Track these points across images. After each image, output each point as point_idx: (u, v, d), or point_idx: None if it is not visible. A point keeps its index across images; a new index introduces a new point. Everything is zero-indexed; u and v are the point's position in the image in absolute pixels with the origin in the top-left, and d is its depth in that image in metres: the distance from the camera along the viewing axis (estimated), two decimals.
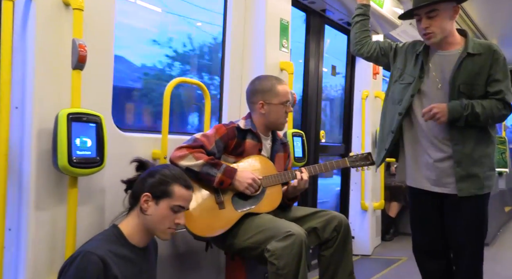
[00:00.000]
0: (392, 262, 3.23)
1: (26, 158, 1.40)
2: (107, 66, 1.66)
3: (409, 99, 1.84)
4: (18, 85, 1.41)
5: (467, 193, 1.77)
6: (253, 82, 1.99)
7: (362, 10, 2.09)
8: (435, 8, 1.75)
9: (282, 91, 1.93)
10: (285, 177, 1.91)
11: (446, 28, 1.78)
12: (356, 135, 3.54)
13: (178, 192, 1.41)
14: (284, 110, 1.94)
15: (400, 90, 1.90)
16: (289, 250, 1.62)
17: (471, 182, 1.77)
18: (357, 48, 2.07)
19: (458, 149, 1.77)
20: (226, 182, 1.77)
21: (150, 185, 1.41)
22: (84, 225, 1.54)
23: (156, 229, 1.41)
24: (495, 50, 1.78)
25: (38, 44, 1.41)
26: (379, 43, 2.03)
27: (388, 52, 2.00)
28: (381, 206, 3.61)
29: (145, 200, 1.39)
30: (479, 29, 4.60)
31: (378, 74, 3.63)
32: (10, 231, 1.40)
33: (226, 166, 1.78)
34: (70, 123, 1.36)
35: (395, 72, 1.96)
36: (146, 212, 1.39)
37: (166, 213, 1.40)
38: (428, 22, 1.77)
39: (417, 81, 1.84)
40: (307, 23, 3.16)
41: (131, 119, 2.68)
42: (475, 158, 1.77)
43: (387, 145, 1.93)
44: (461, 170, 1.77)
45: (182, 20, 3.08)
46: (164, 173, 1.43)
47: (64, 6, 1.47)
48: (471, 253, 1.83)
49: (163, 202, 1.40)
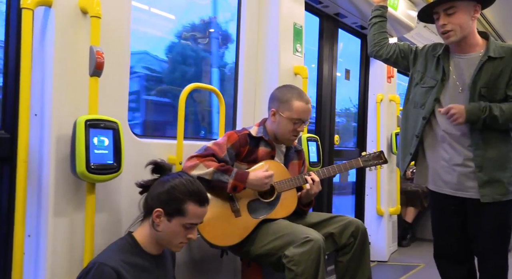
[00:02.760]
0: (410, 269, 3.17)
1: (45, 164, 1.42)
2: (123, 73, 1.67)
3: (433, 103, 1.81)
4: (37, 92, 1.43)
5: (491, 199, 1.73)
6: (279, 88, 1.97)
7: (380, 12, 2.07)
8: (453, 5, 1.72)
9: (296, 107, 1.85)
10: (299, 181, 1.89)
11: (465, 27, 1.74)
12: (371, 139, 3.50)
13: (192, 211, 1.36)
14: (292, 126, 1.86)
15: (422, 93, 1.87)
16: (308, 256, 1.60)
17: (494, 187, 1.73)
18: (375, 50, 2.04)
19: (479, 153, 1.74)
20: (239, 186, 1.75)
21: (163, 200, 1.36)
22: (102, 231, 1.54)
23: (167, 243, 1.39)
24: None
25: (57, 51, 1.43)
26: (398, 45, 2.00)
27: (408, 54, 1.97)
28: (397, 211, 3.55)
29: (157, 215, 1.35)
30: (495, 29, 4.53)
31: (393, 77, 3.59)
32: (29, 238, 1.41)
33: (237, 170, 1.76)
34: (88, 129, 1.37)
35: (415, 75, 1.93)
36: (158, 228, 1.35)
37: (178, 230, 1.36)
38: (446, 19, 1.74)
39: (439, 85, 1.81)
40: (321, 27, 3.15)
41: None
42: (497, 163, 1.74)
43: (412, 150, 1.89)
44: (483, 175, 1.73)
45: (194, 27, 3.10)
46: (178, 187, 1.37)
47: (82, 14, 1.49)
48: (495, 259, 1.79)
49: (176, 220, 1.35)
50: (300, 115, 1.86)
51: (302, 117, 1.87)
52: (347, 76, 3.69)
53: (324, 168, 1.96)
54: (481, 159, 1.73)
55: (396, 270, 3.19)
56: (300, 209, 1.95)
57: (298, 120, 1.87)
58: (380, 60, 2.08)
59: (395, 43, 2.03)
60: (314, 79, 3.16)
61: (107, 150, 1.42)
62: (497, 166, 1.74)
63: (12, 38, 1.50)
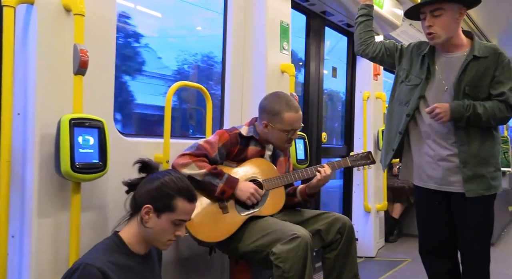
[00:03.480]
0: (397, 264, 3.21)
1: (29, 164, 1.40)
2: (108, 71, 1.65)
3: (417, 101, 1.84)
4: (20, 91, 1.41)
5: (475, 193, 1.77)
6: (267, 98, 1.94)
7: (366, 11, 2.09)
8: (440, 7, 1.75)
9: (287, 119, 1.86)
10: (288, 179, 1.91)
11: (450, 29, 1.78)
12: (358, 136, 3.53)
13: (181, 207, 1.36)
14: (286, 137, 1.88)
15: (406, 91, 1.90)
16: (295, 253, 1.61)
17: (478, 182, 1.77)
18: (362, 48, 2.06)
19: (463, 149, 1.78)
20: (227, 192, 1.76)
21: (153, 196, 1.36)
22: (88, 231, 1.53)
23: (155, 241, 1.39)
24: (500, 53, 1.79)
25: (40, 50, 1.41)
26: (384, 44, 2.03)
27: (393, 52, 2.00)
28: (384, 208, 3.59)
29: (146, 211, 1.35)
30: (480, 28, 4.61)
31: (379, 75, 3.62)
32: (13, 238, 1.40)
33: (228, 176, 1.77)
34: (72, 128, 1.36)
35: (401, 73, 1.96)
36: (147, 224, 1.35)
37: (167, 226, 1.36)
38: (432, 20, 1.77)
39: (424, 83, 1.84)
40: (307, 25, 3.16)
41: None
42: (481, 159, 1.78)
43: (394, 146, 1.93)
44: (468, 170, 1.77)
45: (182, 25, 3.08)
46: (168, 184, 1.37)
47: (65, 12, 1.47)
48: (479, 252, 1.83)
49: (165, 216, 1.35)
50: (292, 125, 1.88)
51: (294, 127, 1.89)
52: (334, 74, 3.72)
53: (312, 166, 1.97)
54: (466, 155, 1.77)
55: (383, 265, 3.23)
56: (303, 199, 1.98)
57: (291, 130, 1.89)
58: (366, 58, 2.10)
59: (381, 41, 2.06)
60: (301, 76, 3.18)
61: (92, 149, 1.41)
62: (481, 162, 1.77)
63: None
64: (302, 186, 2.00)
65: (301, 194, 1.99)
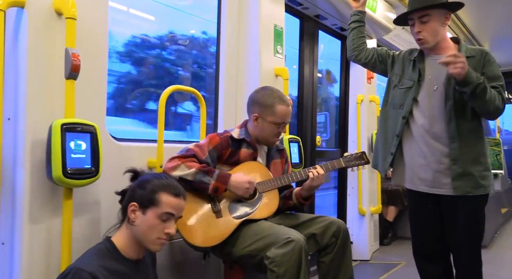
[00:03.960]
0: (391, 267, 3.21)
1: (19, 170, 1.38)
2: (100, 75, 1.64)
3: (411, 102, 1.87)
4: (10, 96, 1.39)
5: (462, 191, 1.79)
6: (257, 91, 1.96)
7: (358, 17, 2.12)
8: (427, 13, 1.81)
9: (279, 112, 1.88)
10: (281, 181, 1.90)
11: (438, 34, 1.85)
12: (352, 139, 3.54)
13: (165, 200, 1.36)
14: (276, 130, 1.90)
15: (400, 94, 1.93)
16: (289, 257, 1.60)
17: (466, 180, 1.79)
18: (354, 54, 2.10)
19: (454, 146, 1.80)
20: (221, 188, 1.75)
21: (136, 194, 1.37)
22: (80, 237, 1.51)
23: (145, 239, 1.36)
24: (486, 53, 1.84)
25: (31, 54, 1.39)
26: (376, 50, 2.07)
27: (386, 59, 2.04)
28: (379, 211, 3.60)
29: (132, 210, 1.35)
30: (471, 33, 4.65)
31: (373, 78, 3.64)
32: (3, 245, 1.38)
33: (219, 172, 1.77)
34: (64, 133, 1.34)
35: (393, 78, 1.99)
36: (134, 223, 1.35)
37: (154, 222, 1.35)
38: (421, 26, 1.83)
39: (416, 85, 1.88)
40: (301, 29, 3.17)
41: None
42: (471, 157, 1.80)
43: (393, 150, 1.94)
44: (458, 167, 1.79)
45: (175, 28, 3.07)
46: (151, 181, 1.39)
47: (57, 15, 1.46)
48: (468, 253, 1.84)
49: (150, 211, 1.35)
50: (283, 118, 1.90)
51: (286, 120, 1.91)
52: (327, 78, 3.73)
53: (306, 168, 1.97)
54: (456, 152, 1.79)
55: (378, 268, 3.24)
56: (299, 202, 1.97)
57: (282, 123, 1.90)
58: (359, 64, 2.13)
59: (374, 48, 2.10)
60: (295, 80, 3.18)
61: (84, 154, 1.40)
62: (471, 160, 1.80)
63: None
64: (297, 189, 2.00)
65: (296, 197, 1.99)
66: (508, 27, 4.65)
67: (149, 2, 2.79)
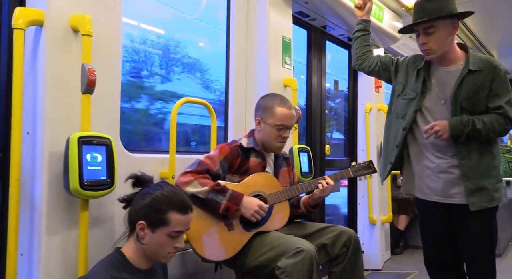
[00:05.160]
0: (404, 276, 3.18)
1: (38, 182, 1.42)
2: (114, 89, 1.68)
3: (413, 114, 1.86)
4: (29, 111, 1.44)
5: (479, 207, 1.77)
6: (262, 97, 2.00)
7: (362, 26, 2.13)
8: (432, 25, 1.78)
9: (279, 113, 1.88)
10: (292, 193, 1.92)
11: (444, 44, 1.80)
12: (361, 148, 3.54)
13: (175, 219, 1.35)
14: (276, 133, 1.89)
15: (403, 105, 1.92)
16: (300, 266, 1.61)
17: (481, 195, 1.77)
18: (358, 63, 2.11)
19: (464, 163, 1.78)
20: (232, 209, 1.76)
21: (145, 212, 1.36)
22: (95, 248, 1.54)
23: (155, 255, 1.38)
24: (496, 66, 1.79)
25: (48, 70, 1.44)
26: (380, 58, 2.06)
27: (389, 66, 2.03)
28: (389, 219, 3.58)
29: (140, 228, 1.35)
30: (479, 40, 4.65)
31: (381, 87, 3.66)
32: (22, 256, 1.41)
33: (232, 192, 1.77)
34: (81, 146, 1.38)
35: (397, 87, 1.99)
36: (143, 241, 1.35)
37: (164, 240, 1.35)
38: (426, 38, 1.80)
39: (419, 97, 1.86)
40: (309, 40, 3.21)
41: None
42: (482, 171, 1.78)
43: (392, 159, 1.94)
44: (470, 184, 1.77)
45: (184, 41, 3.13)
46: (159, 199, 1.36)
47: (73, 33, 1.51)
48: (483, 264, 1.82)
49: (160, 231, 1.35)
50: (282, 120, 1.89)
51: (285, 123, 1.90)
52: (335, 88, 3.75)
53: (315, 179, 1.98)
54: (467, 168, 1.78)
55: (390, 278, 3.21)
56: (307, 210, 1.99)
57: (282, 125, 1.89)
58: (363, 72, 2.14)
59: (377, 55, 2.09)
60: (303, 90, 3.21)
61: (100, 166, 1.43)
62: (482, 174, 1.78)
63: (4, 57, 1.52)
64: (305, 197, 2.01)
65: (304, 205, 2.00)
66: None
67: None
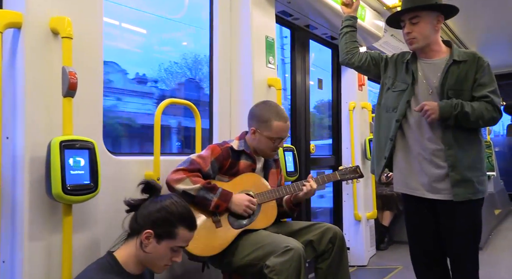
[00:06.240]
0: (389, 271, 3.24)
1: (19, 188, 1.39)
2: (96, 92, 1.66)
3: (405, 105, 1.88)
4: (8, 115, 1.41)
5: (463, 197, 1.79)
6: (258, 106, 2.00)
7: (351, 22, 2.14)
8: (417, 15, 1.84)
9: (276, 128, 1.92)
10: (279, 193, 1.94)
11: (428, 35, 1.85)
12: (346, 146, 3.58)
13: (182, 235, 1.40)
14: (272, 144, 1.94)
15: (394, 97, 1.94)
16: (288, 265, 1.62)
17: (465, 186, 1.80)
18: (348, 58, 2.09)
19: (451, 153, 1.81)
20: (222, 206, 1.78)
21: (155, 222, 1.38)
22: (80, 253, 1.52)
23: (152, 264, 1.40)
24: (479, 57, 1.84)
25: (28, 73, 1.41)
26: (369, 54, 2.08)
27: (379, 62, 2.05)
28: (374, 216, 3.63)
29: (146, 236, 1.37)
30: (458, 37, 4.74)
31: (364, 85, 3.70)
32: (4, 263, 1.38)
33: (222, 190, 1.80)
34: (63, 150, 1.36)
35: (386, 81, 2.01)
36: (146, 249, 1.37)
37: (166, 253, 1.39)
38: (411, 27, 1.86)
39: (410, 88, 1.89)
40: (292, 39, 3.22)
41: None
42: (468, 163, 1.81)
43: (386, 153, 1.95)
44: (456, 174, 1.80)
45: (167, 41, 3.11)
46: (171, 211, 1.40)
47: (53, 35, 1.48)
48: (467, 258, 1.85)
49: (165, 243, 1.38)
50: (279, 134, 1.93)
51: (281, 136, 1.95)
52: (319, 86, 3.78)
53: (300, 181, 2.00)
54: (454, 159, 1.80)
55: (375, 273, 3.26)
56: (290, 208, 2.02)
57: (278, 138, 1.93)
58: (352, 67, 2.13)
59: (366, 51, 2.11)
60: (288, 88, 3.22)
61: (83, 170, 1.41)
62: (468, 166, 1.80)
63: None
64: (287, 197, 2.03)
65: (286, 204, 2.03)
66: (494, 32, 4.75)
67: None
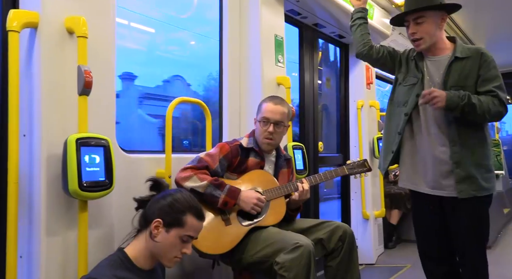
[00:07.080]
0: (397, 270, 3.23)
1: (36, 184, 1.42)
2: (110, 90, 1.69)
3: (415, 99, 1.87)
4: (25, 113, 1.44)
5: (467, 194, 1.79)
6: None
7: (363, 14, 2.12)
8: (422, 15, 1.83)
9: (264, 108, 1.93)
10: (287, 189, 1.94)
11: (433, 35, 1.86)
12: (354, 144, 3.58)
13: (190, 223, 1.41)
14: (261, 128, 1.93)
15: (404, 91, 1.94)
16: (298, 262, 1.64)
17: (469, 183, 1.80)
18: (365, 49, 2.05)
19: (456, 150, 1.81)
20: (230, 203, 1.79)
21: (163, 211, 1.41)
22: (94, 248, 1.54)
23: (162, 256, 1.42)
24: (483, 53, 1.83)
25: (44, 72, 1.44)
26: (386, 48, 2.07)
27: (395, 57, 2.04)
28: (382, 214, 3.63)
29: (155, 226, 1.39)
30: (466, 35, 4.71)
31: (372, 83, 3.69)
32: (21, 259, 1.41)
33: (230, 186, 1.80)
34: (79, 147, 1.39)
35: (399, 76, 2.01)
36: (155, 238, 1.39)
37: (175, 242, 1.40)
38: (416, 28, 1.86)
39: (420, 82, 1.89)
40: (300, 38, 3.23)
41: None
42: (473, 160, 1.81)
43: (394, 147, 1.95)
44: (461, 171, 1.80)
45: (174, 40, 3.14)
46: (179, 200, 1.43)
47: (68, 34, 1.51)
48: (473, 255, 1.85)
49: (174, 231, 1.40)
50: (264, 113, 1.93)
51: (268, 116, 1.93)
52: (327, 84, 3.78)
53: (311, 176, 2.01)
54: (459, 156, 1.80)
55: (384, 272, 3.26)
56: (288, 214, 2.00)
57: (265, 119, 1.93)
58: (368, 60, 2.09)
59: (381, 45, 2.09)
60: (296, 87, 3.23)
61: (98, 168, 1.44)
62: (473, 163, 1.80)
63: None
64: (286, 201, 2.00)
65: None
66: (503, 29, 4.72)
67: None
